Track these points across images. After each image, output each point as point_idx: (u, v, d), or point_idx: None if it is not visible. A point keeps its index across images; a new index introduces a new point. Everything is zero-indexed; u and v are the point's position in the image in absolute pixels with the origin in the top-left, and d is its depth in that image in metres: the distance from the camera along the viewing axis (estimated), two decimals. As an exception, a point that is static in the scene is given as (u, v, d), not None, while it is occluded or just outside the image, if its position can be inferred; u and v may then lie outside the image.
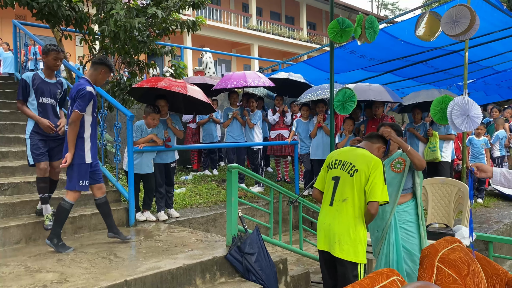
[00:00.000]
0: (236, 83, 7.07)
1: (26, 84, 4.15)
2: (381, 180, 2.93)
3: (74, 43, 13.66)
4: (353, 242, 2.94)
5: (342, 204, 3.01)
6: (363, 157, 3.04)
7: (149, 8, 5.76)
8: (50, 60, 4.16)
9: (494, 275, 2.71)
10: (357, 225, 2.96)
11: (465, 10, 4.00)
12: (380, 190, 2.91)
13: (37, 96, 4.17)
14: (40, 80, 4.21)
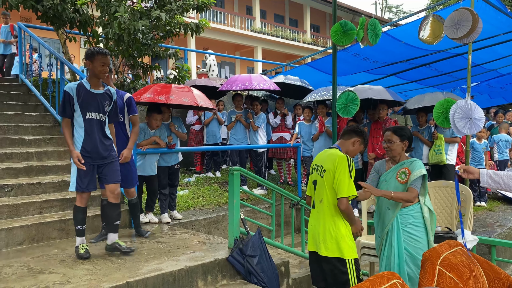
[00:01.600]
0: (242, 86, 7.11)
1: (70, 97, 3.53)
2: (346, 175, 3.00)
3: (79, 46, 13.72)
4: (335, 239, 3.05)
5: (320, 205, 3.18)
6: (330, 156, 3.15)
7: (153, 11, 5.79)
8: (96, 66, 3.56)
9: (496, 278, 2.70)
10: (336, 222, 3.08)
11: (467, 14, 4.00)
12: (346, 186, 2.99)
13: (83, 112, 3.55)
14: (85, 91, 3.58)
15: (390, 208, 3.35)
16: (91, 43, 6.46)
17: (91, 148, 3.59)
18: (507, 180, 2.65)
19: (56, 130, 6.27)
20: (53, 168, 5.23)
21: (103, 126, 3.69)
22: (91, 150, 3.60)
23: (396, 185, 3.35)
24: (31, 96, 7.13)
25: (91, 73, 3.61)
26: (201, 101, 5.24)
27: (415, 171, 3.30)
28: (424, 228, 3.31)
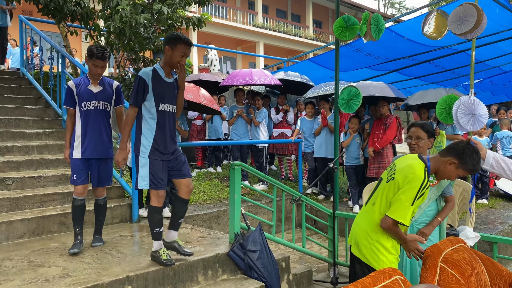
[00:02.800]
0: (242, 81, 7.10)
1: (145, 84, 3.19)
2: (407, 198, 2.50)
3: (80, 39, 13.69)
4: (370, 248, 2.68)
5: (372, 207, 2.79)
6: (408, 167, 2.61)
7: (155, 5, 5.76)
8: (175, 56, 3.19)
9: (498, 276, 2.68)
10: (378, 233, 2.66)
11: (472, 9, 3.96)
12: (401, 208, 2.50)
13: (156, 102, 3.22)
14: (160, 80, 3.26)
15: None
16: (93, 36, 6.44)
17: (162, 142, 3.25)
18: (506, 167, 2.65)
19: (57, 123, 6.26)
20: (54, 162, 5.23)
21: (175, 119, 3.41)
22: (163, 144, 3.26)
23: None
24: (32, 90, 7.11)
25: (166, 61, 3.24)
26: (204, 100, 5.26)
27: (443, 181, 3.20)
28: (437, 226, 3.28)
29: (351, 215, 4.91)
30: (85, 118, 3.69)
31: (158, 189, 3.27)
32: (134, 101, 3.21)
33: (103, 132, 3.77)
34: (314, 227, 5.44)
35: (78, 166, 3.70)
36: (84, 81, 3.75)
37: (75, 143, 3.68)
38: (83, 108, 3.69)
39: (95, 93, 3.72)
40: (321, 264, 5.13)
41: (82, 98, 3.69)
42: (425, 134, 3.21)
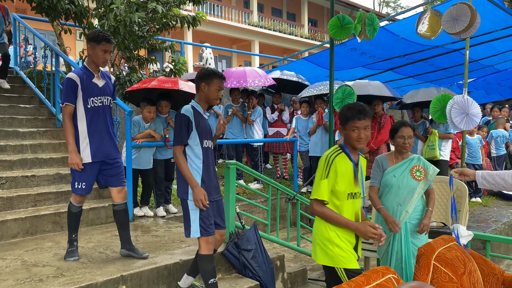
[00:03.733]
0: (236, 83, 7.09)
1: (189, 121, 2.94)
2: (318, 176, 2.56)
3: (74, 38, 13.64)
4: (319, 249, 2.61)
5: None
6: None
7: (149, 3, 5.74)
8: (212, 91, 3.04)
9: (490, 274, 2.70)
10: (319, 228, 2.61)
11: (466, 8, 3.98)
12: (315, 186, 2.56)
13: (201, 139, 3.01)
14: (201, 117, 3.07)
15: (401, 204, 3.28)
16: (87, 35, 6.40)
17: (208, 181, 3.04)
18: (499, 179, 2.72)
19: (51, 122, 6.23)
20: (48, 161, 5.20)
21: (213, 156, 3.22)
22: (209, 184, 3.04)
23: (410, 182, 3.28)
24: (26, 88, 7.07)
25: (202, 97, 3.05)
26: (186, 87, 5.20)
27: (429, 169, 3.30)
28: None
29: (346, 214, 4.92)
30: (92, 116, 3.31)
31: (208, 235, 2.97)
32: (180, 140, 2.92)
33: (111, 131, 3.48)
34: (309, 225, 5.45)
35: (87, 172, 3.32)
36: (86, 74, 3.33)
37: (81, 146, 3.31)
38: (89, 105, 3.29)
39: (101, 87, 3.36)
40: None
41: (88, 93, 3.29)
42: (413, 133, 3.39)
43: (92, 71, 3.36)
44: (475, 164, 7.24)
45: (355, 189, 2.55)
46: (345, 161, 2.54)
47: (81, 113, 3.30)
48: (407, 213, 3.26)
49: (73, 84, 3.26)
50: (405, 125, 3.37)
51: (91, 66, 3.36)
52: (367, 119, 2.48)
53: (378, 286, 1.99)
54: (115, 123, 4.99)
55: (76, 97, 3.28)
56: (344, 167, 2.52)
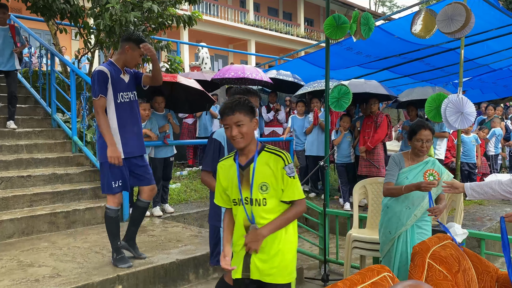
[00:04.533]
0: (234, 74, 7.08)
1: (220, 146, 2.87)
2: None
3: (70, 37, 13.58)
4: None
5: None
6: None
7: (145, 2, 5.73)
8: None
9: (484, 272, 2.72)
10: None
11: (461, 8, 4.00)
12: None
13: None
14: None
15: (410, 207, 3.23)
16: (82, 34, 6.39)
17: None
18: (487, 189, 2.72)
19: (47, 122, 6.22)
20: (44, 161, 5.19)
21: None
22: None
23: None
24: (21, 88, 7.04)
25: None
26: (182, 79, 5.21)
27: (443, 174, 3.23)
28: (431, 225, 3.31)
29: (342, 213, 4.94)
30: (122, 112, 3.26)
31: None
32: (209, 166, 2.82)
33: (140, 126, 3.43)
34: (305, 225, 5.46)
35: (121, 169, 3.21)
36: (114, 69, 3.27)
37: (118, 142, 3.21)
38: (119, 100, 3.24)
39: (127, 83, 3.34)
40: (312, 261, 5.16)
41: (117, 88, 3.24)
42: (432, 136, 3.25)
43: (120, 68, 3.31)
44: (469, 163, 7.28)
45: (242, 194, 2.21)
46: (229, 164, 2.30)
47: (112, 108, 3.22)
48: (415, 216, 3.22)
49: (105, 76, 3.17)
50: (425, 127, 3.21)
51: (119, 63, 3.30)
52: (236, 114, 2.16)
53: (373, 284, 2.00)
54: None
55: (107, 90, 3.20)
56: (226, 170, 2.29)
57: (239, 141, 2.17)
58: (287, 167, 2.20)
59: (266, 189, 2.20)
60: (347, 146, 6.49)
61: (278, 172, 2.20)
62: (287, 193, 2.22)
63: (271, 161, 2.21)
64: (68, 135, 5.88)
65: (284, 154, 2.22)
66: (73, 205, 4.55)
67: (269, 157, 2.22)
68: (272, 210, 2.21)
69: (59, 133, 6.04)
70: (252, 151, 2.24)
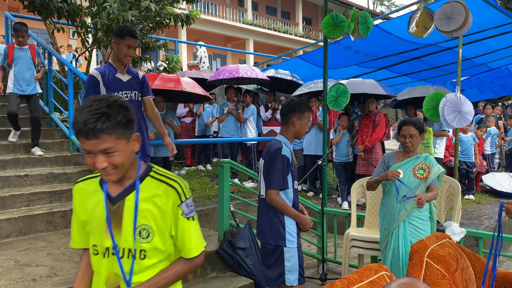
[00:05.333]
0: (229, 74, 7.09)
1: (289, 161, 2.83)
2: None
3: (68, 36, 13.55)
4: None
5: None
6: None
7: (143, 1, 5.71)
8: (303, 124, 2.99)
9: (483, 270, 2.72)
10: None
11: (459, 7, 4.00)
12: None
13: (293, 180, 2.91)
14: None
15: (401, 202, 3.28)
16: (80, 33, 6.37)
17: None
18: None
19: (44, 121, 6.19)
20: (41, 160, 5.17)
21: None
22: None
23: (412, 180, 3.26)
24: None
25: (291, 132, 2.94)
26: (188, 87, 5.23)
27: (434, 167, 3.25)
28: (429, 221, 3.32)
29: (340, 212, 4.94)
30: None
31: (304, 283, 2.87)
32: (280, 184, 2.72)
33: (143, 127, 3.37)
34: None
35: None
36: (109, 69, 3.29)
37: None
38: None
39: (125, 82, 3.30)
40: (310, 260, 5.16)
41: (111, 88, 3.23)
42: (417, 132, 3.28)
43: (116, 67, 3.30)
44: (468, 162, 7.30)
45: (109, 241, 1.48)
46: (91, 190, 1.56)
47: None
48: (406, 211, 3.25)
49: (94, 80, 3.20)
50: (407, 123, 3.30)
51: (116, 62, 3.31)
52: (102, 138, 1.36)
53: (371, 283, 2.00)
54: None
55: (99, 93, 3.18)
56: (85, 198, 1.57)
57: (111, 173, 1.43)
58: (184, 204, 1.52)
59: (148, 236, 1.48)
60: (345, 145, 6.49)
61: (169, 211, 1.50)
62: (180, 244, 1.54)
63: (159, 194, 1.49)
64: (66, 134, 5.87)
65: (179, 183, 1.53)
66: (70, 205, 4.53)
67: (157, 187, 1.51)
68: (154, 266, 1.51)
69: (56, 133, 6.03)
70: (130, 178, 1.51)
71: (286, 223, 2.77)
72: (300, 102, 2.95)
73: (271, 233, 2.78)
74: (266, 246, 2.83)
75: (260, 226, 2.89)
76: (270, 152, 2.82)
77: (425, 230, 3.28)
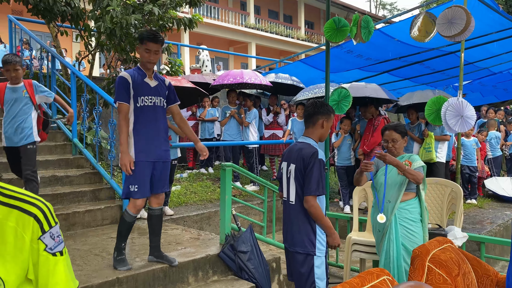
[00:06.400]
0: (233, 80, 7.12)
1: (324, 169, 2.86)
2: None
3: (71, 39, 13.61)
4: None
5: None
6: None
7: (146, 5, 5.75)
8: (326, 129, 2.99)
9: (484, 275, 2.72)
10: None
11: (461, 11, 4.01)
12: None
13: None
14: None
15: (390, 201, 3.33)
16: (83, 37, 6.41)
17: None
18: None
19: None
20: (44, 163, 5.19)
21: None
22: None
23: (397, 178, 3.32)
24: (22, 90, 7.04)
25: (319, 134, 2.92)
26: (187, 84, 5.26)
27: (415, 162, 3.33)
28: (420, 223, 3.33)
29: (342, 216, 4.94)
30: (142, 115, 3.20)
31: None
32: (320, 189, 2.70)
33: (163, 132, 3.34)
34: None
35: (141, 172, 3.17)
36: (139, 73, 3.26)
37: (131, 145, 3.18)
38: (139, 104, 3.19)
39: (153, 87, 3.27)
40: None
41: (139, 92, 3.20)
42: (399, 136, 3.37)
43: (145, 71, 3.28)
44: (470, 166, 7.29)
45: None
46: None
47: (131, 112, 3.21)
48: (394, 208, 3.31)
49: (125, 82, 3.17)
50: (388, 128, 3.40)
51: (143, 66, 3.29)
52: None
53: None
54: (112, 125, 4.98)
55: (129, 95, 3.18)
56: None
57: None
58: (47, 235, 1.10)
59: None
60: (347, 149, 6.49)
61: (25, 248, 1.07)
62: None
63: (9, 224, 1.06)
64: (68, 137, 5.89)
65: (40, 206, 1.10)
66: (72, 207, 4.55)
67: (6, 215, 1.06)
68: None
69: (59, 135, 6.05)
70: None
71: (318, 231, 2.75)
72: (325, 103, 2.90)
73: (301, 241, 2.75)
74: (295, 255, 2.79)
75: (288, 234, 2.85)
76: (303, 156, 2.74)
77: (417, 232, 3.30)
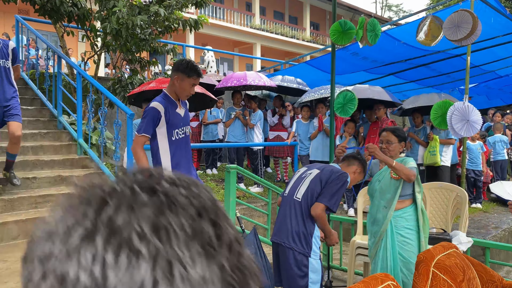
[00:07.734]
0: (237, 82, 7.13)
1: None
2: None
3: (77, 40, 13.68)
4: None
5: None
6: None
7: (152, 6, 5.77)
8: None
9: (489, 281, 2.70)
10: None
11: (467, 16, 3.99)
12: None
13: None
14: None
15: (386, 206, 3.31)
16: (89, 37, 6.44)
17: None
18: None
19: (52, 124, 6.25)
20: (49, 163, 5.21)
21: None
22: None
23: (391, 183, 3.31)
24: (28, 90, 7.09)
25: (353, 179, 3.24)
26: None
27: (407, 163, 3.31)
28: (417, 231, 3.30)
29: (346, 219, 4.93)
30: (176, 149, 3.05)
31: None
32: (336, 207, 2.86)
33: (191, 162, 3.26)
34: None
35: None
36: (170, 104, 3.03)
37: None
38: (174, 137, 3.02)
39: (183, 117, 3.12)
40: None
41: (173, 125, 3.01)
42: (395, 138, 3.34)
43: (175, 101, 3.08)
44: (475, 170, 7.25)
45: None
46: None
47: (165, 146, 3.02)
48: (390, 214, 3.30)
49: (157, 114, 2.93)
50: (385, 130, 3.41)
51: (173, 95, 3.06)
52: None
53: (377, 293, 1.99)
54: (117, 125, 5.00)
55: (155, 127, 2.97)
56: None
57: None
58: None
59: None
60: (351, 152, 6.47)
61: None
62: None
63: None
64: (74, 137, 5.91)
65: None
66: (77, 207, 4.55)
67: None
68: None
69: (64, 135, 6.08)
70: None
71: (315, 234, 2.85)
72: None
73: (298, 239, 2.82)
74: (289, 251, 2.83)
75: (285, 227, 2.91)
76: (333, 170, 2.96)
77: (413, 240, 3.26)
